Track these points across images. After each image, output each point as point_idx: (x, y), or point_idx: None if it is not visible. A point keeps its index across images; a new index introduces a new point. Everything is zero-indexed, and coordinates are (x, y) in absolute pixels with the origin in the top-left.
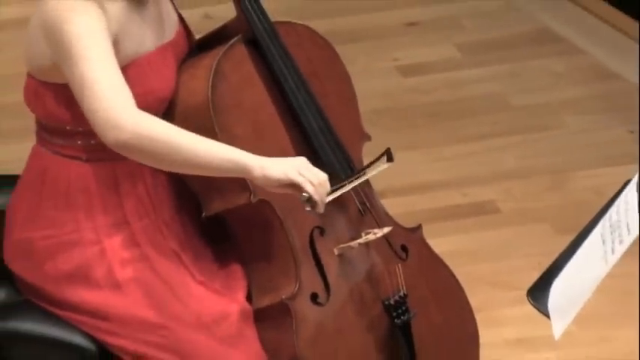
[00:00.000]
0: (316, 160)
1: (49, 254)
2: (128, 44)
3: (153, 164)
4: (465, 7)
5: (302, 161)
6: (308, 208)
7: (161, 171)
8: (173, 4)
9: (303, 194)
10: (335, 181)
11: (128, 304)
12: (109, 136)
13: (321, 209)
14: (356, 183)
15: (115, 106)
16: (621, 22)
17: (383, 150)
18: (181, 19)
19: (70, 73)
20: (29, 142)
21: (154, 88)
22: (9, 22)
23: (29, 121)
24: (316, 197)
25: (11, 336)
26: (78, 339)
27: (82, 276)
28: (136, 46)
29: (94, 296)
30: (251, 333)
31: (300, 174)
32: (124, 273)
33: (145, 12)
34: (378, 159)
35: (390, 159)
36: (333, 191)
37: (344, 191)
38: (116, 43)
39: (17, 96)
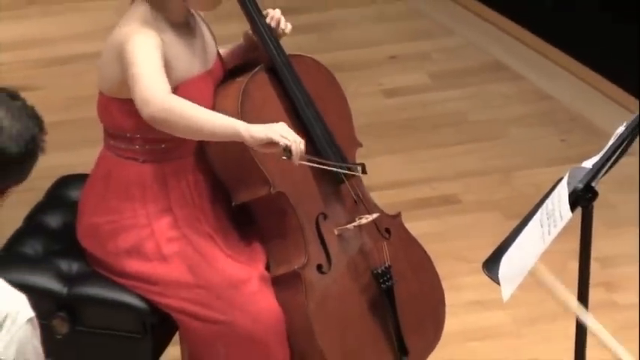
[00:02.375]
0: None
1: (111, 235)
2: (179, 67)
3: (176, 133)
4: (434, 43)
5: (281, 125)
6: (284, 157)
7: (200, 170)
8: (214, 39)
9: (280, 145)
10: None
11: (172, 271)
12: (143, 111)
13: (296, 162)
14: (332, 168)
15: (149, 87)
16: (555, 54)
17: (372, 162)
18: (218, 53)
19: (129, 75)
20: (90, 149)
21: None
22: (87, 55)
23: (95, 133)
24: (292, 148)
25: (82, 299)
26: (134, 300)
27: (136, 251)
28: (185, 71)
29: (145, 267)
30: (269, 293)
31: (280, 134)
32: (168, 248)
33: (193, 44)
34: (356, 165)
35: (364, 172)
36: (312, 160)
37: (320, 166)
38: (169, 65)
39: (89, 112)
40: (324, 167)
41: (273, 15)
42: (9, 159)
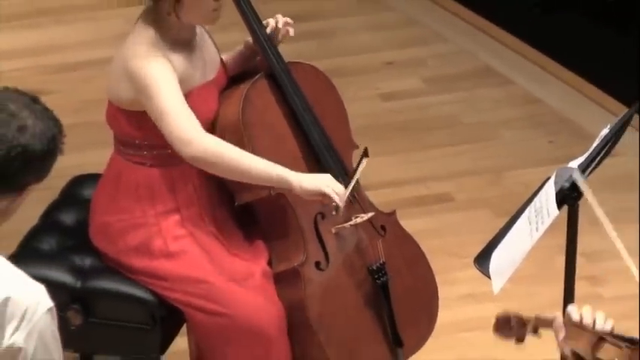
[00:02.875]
0: (318, 165)
1: (121, 233)
2: (184, 80)
3: (216, 173)
4: (428, 50)
5: (329, 177)
6: (334, 213)
7: (205, 174)
8: (217, 49)
9: (333, 204)
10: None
11: (178, 267)
12: (185, 151)
13: (341, 212)
14: (352, 184)
15: (187, 129)
16: (543, 60)
17: (369, 162)
18: (221, 61)
19: (150, 106)
20: (100, 150)
21: (201, 112)
22: (96, 61)
23: (104, 135)
24: (340, 204)
25: (94, 292)
26: (143, 294)
27: (144, 248)
28: (187, 83)
29: (153, 263)
30: (271, 288)
31: (328, 186)
32: (175, 246)
33: (195, 57)
34: (360, 161)
35: (366, 155)
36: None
37: (348, 192)
38: (179, 82)
39: (99, 116)
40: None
41: (274, 25)
42: (32, 156)
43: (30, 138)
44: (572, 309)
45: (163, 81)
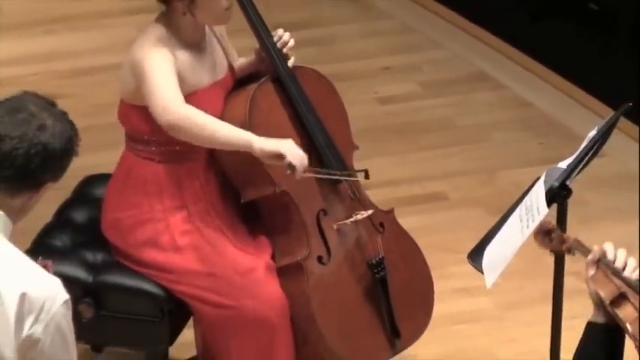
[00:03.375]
0: (321, 164)
1: (131, 228)
2: (188, 80)
3: (191, 140)
4: (424, 56)
5: (290, 142)
6: (288, 172)
7: (211, 171)
8: (225, 54)
9: (285, 161)
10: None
11: (185, 261)
12: (162, 118)
13: (298, 175)
14: (334, 177)
15: (164, 97)
16: (534, 65)
17: (368, 163)
18: (229, 65)
19: (144, 86)
20: (110, 152)
21: (207, 112)
22: (108, 67)
23: (115, 137)
24: (295, 164)
25: (105, 286)
26: (152, 287)
27: (153, 243)
28: (196, 81)
29: (161, 257)
30: (274, 281)
31: (286, 149)
32: (182, 240)
33: (203, 59)
34: (358, 171)
35: (366, 177)
36: (316, 171)
37: (324, 176)
38: (182, 77)
39: (110, 118)
40: (326, 177)
41: (281, 35)
42: (51, 154)
43: (50, 137)
44: (609, 246)
45: (157, 63)
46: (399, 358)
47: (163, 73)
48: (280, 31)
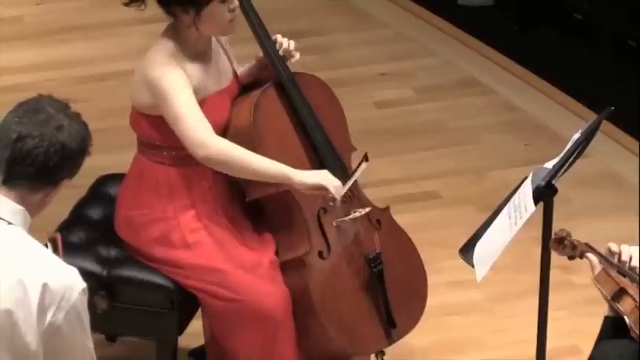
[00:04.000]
0: (321, 165)
1: (143, 226)
2: (198, 88)
3: (226, 172)
4: (418, 63)
5: (327, 172)
6: (331, 203)
7: (218, 173)
8: (230, 62)
9: (329, 195)
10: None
11: (194, 257)
12: (199, 153)
13: (338, 204)
14: (351, 182)
15: (200, 132)
16: (521, 72)
17: (362, 154)
18: (234, 72)
19: (166, 111)
20: (122, 153)
21: (214, 118)
22: (119, 73)
23: (126, 139)
24: (337, 196)
25: (119, 280)
26: (163, 281)
27: (164, 240)
28: (204, 90)
29: (172, 253)
30: (278, 275)
31: (326, 180)
32: (191, 237)
33: (209, 68)
34: (360, 164)
35: (366, 159)
36: (346, 191)
37: (346, 189)
38: (194, 91)
39: (121, 122)
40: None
41: (281, 42)
42: (68, 152)
43: (67, 137)
44: (612, 244)
45: (178, 89)
46: (395, 347)
47: (186, 100)
48: (279, 37)
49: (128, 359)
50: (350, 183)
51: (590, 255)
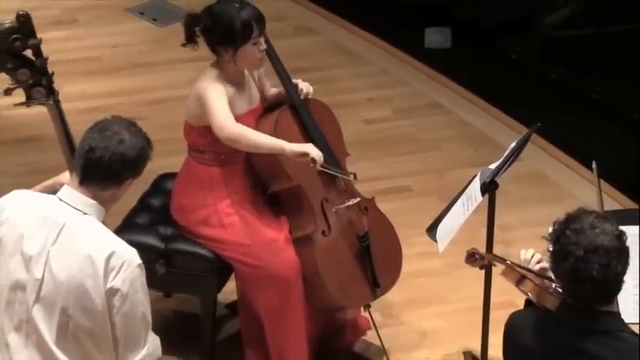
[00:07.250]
0: (324, 163)
1: (191, 211)
2: (234, 107)
3: (241, 148)
4: (395, 91)
5: (310, 145)
6: (312, 164)
7: (247, 171)
8: (258, 89)
9: (309, 157)
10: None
11: (229, 234)
12: (220, 132)
13: (318, 166)
14: (336, 174)
15: (223, 118)
16: (473, 97)
17: (356, 165)
18: (260, 97)
19: (206, 108)
20: (176, 158)
21: None
22: (175, 98)
23: (179, 147)
24: (317, 159)
25: (174, 251)
26: (206, 252)
27: (206, 222)
28: (238, 109)
29: (212, 232)
30: (291, 249)
31: (309, 149)
32: (227, 220)
33: (243, 93)
34: (351, 173)
35: (355, 178)
36: (327, 167)
37: (330, 172)
38: (230, 105)
39: (176, 134)
40: (332, 173)
41: (302, 88)
42: (127, 160)
43: (126, 148)
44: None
45: (216, 94)
46: (378, 301)
47: (220, 99)
48: (300, 82)
49: (180, 310)
50: (333, 169)
51: (495, 262)
